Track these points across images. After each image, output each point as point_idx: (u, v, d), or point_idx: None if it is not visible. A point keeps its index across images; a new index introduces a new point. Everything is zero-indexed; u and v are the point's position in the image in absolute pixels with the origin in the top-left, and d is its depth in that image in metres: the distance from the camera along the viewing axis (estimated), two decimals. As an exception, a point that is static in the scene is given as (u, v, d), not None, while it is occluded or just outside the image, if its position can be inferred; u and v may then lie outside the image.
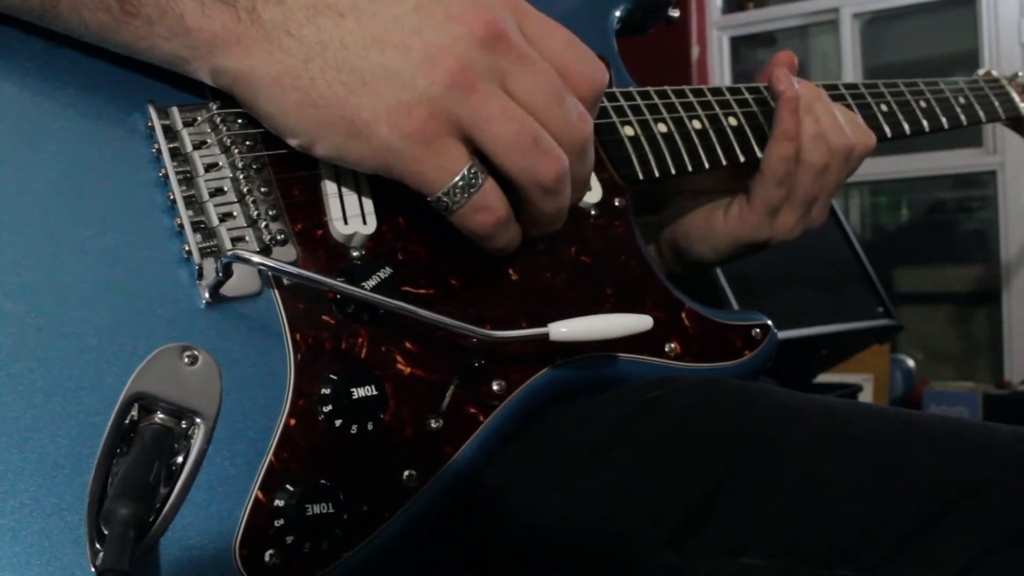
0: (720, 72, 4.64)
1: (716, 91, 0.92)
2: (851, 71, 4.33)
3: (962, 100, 1.15)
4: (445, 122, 0.60)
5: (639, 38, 0.95)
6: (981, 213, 4.24)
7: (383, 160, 0.60)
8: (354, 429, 0.62)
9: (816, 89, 0.94)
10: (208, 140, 0.64)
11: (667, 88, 0.88)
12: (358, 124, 0.59)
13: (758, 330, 0.83)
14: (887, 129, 1.03)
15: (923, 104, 1.08)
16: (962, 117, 1.13)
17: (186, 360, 0.58)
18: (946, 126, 1.11)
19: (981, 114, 1.17)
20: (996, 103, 1.21)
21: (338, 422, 0.61)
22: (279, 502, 0.58)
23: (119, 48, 0.61)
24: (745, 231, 0.92)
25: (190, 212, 0.61)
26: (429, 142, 0.60)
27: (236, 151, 0.64)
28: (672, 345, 0.78)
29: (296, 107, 0.60)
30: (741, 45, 4.76)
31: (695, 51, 4.53)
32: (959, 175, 4.26)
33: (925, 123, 1.07)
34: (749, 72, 4.60)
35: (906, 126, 1.05)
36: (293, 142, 0.62)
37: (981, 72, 1.25)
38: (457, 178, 0.61)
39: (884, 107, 1.04)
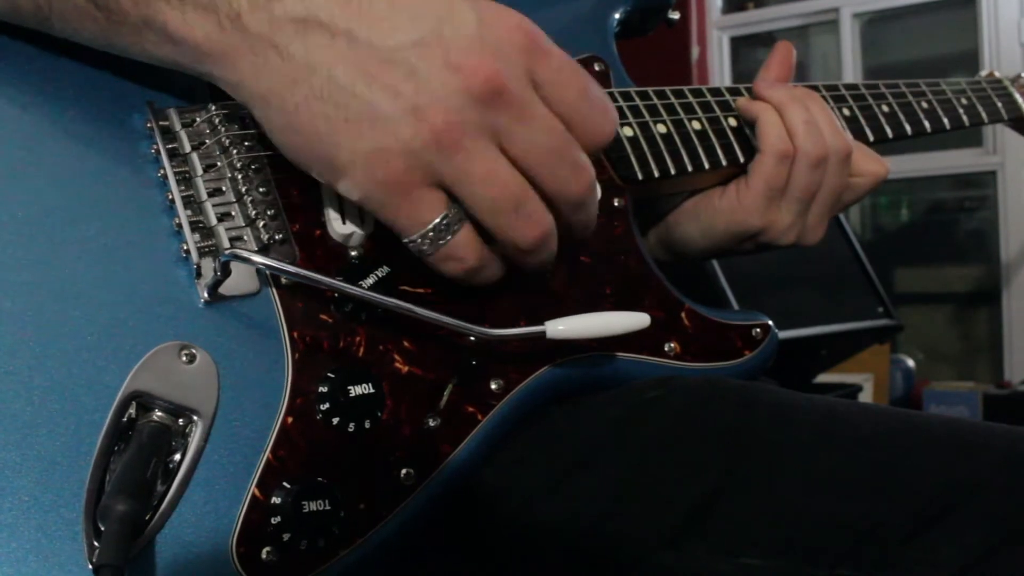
0: (720, 72, 4.65)
1: (715, 91, 0.92)
2: (851, 71, 4.33)
3: (964, 101, 1.14)
4: (423, 175, 0.58)
5: (639, 38, 0.94)
6: (981, 213, 4.25)
7: (357, 199, 0.59)
8: (351, 427, 0.62)
9: (810, 90, 0.93)
10: (207, 141, 0.64)
11: (666, 89, 0.88)
12: (336, 162, 0.58)
13: (758, 330, 0.83)
14: (888, 130, 1.02)
15: (925, 105, 1.08)
16: (964, 118, 1.13)
17: (184, 358, 0.58)
18: (948, 127, 1.10)
19: (983, 115, 1.17)
20: (999, 104, 1.20)
21: (336, 420, 0.61)
22: (276, 500, 0.58)
23: (117, 51, 0.61)
24: (739, 214, 0.90)
25: (189, 212, 0.61)
26: (403, 192, 0.58)
27: (235, 152, 0.64)
28: (672, 345, 0.78)
29: (280, 130, 0.59)
30: (741, 45, 4.76)
31: (695, 51, 4.54)
32: (959, 175, 4.27)
33: (927, 124, 1.07)
34: (749, 72, 4.59)
35: (908, 127, 1.05)
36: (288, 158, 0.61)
37: (984, 73, 1.25)
38: (428, 228, 0.59)
39: (885, 108, 1.04)
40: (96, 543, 0.53)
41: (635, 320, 0.70)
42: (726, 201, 0.90)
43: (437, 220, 0.59)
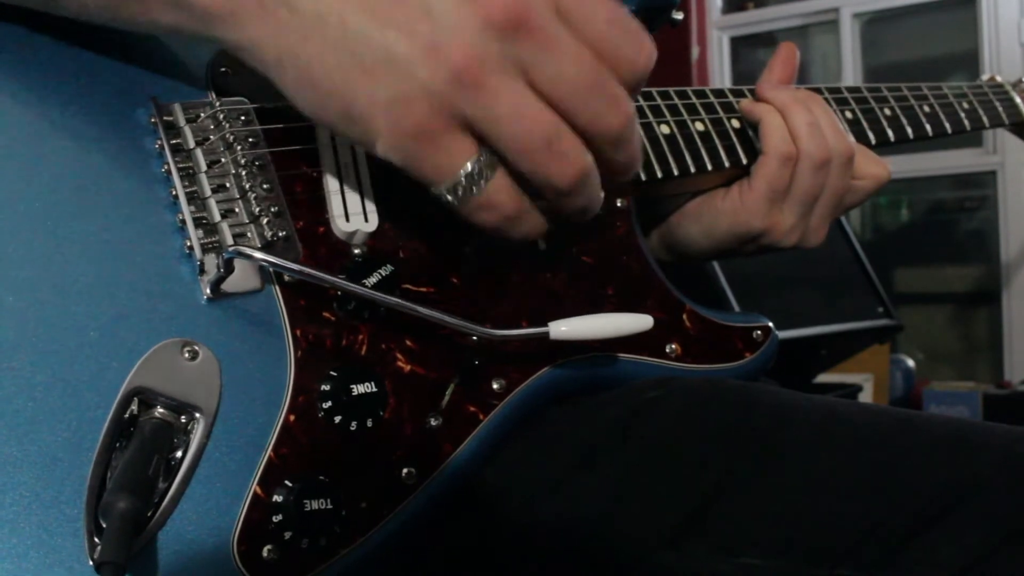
0: (720, 72, 4.65)
1: (719, 93, 0.92)
2: (851, 71, 4.33)
3: (966, 104, 1.14)
4: (447, 117, 0.54)
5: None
6: (981, 213, 4.25)
7: (382, 152, 0.56)
8: (354, 426, 0.62)
9: (812, 93, 0.93)
10: (211, 137, 0.64)
11: (670, 89, 0.88)
12: (354, 113, 0.55)
13: (759, 332, 0.83)
14: (890, 133, 1.02)
15: (927, 108, 1.08)
16: (965, 122, 1.13)
17: (186, 355, 0.58)
18: (949, 130, 1.10)
19: (985, 119, 1.17)
20: (1000, 108, 1.20)
21: (338, 419, 0.61)
22: (278, 498, 0.58)
23: (124, 25, 0.59)
24: (741, 216, 0.89)
25: (192, 208, 0.61)
26: (429, 139, 0.54)
27: (239, 148, 0.64)
28: (673, 346, 0.78)
29: (295, 85, 0.56)
30: (741, 45, 4.76)
31: (695, 51, 4.54)
32: (959, 175, 4.27)
33: (928, 127, 1.07)
34: (749, 72, 4.60)
35: (909, 130, 1.05)
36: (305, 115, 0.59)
37: (985, 77, 1.25)
38: (460, 175, 0.56)
39: (888, 111, 1.04)
40: (97, 540, 0.53)
41: (638, 322, 0.70)
42: (729, 202, 0.90)
43: (469, 167, 0.56)
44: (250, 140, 0.65)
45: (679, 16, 0.93)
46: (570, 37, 0.55)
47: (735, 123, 0.90)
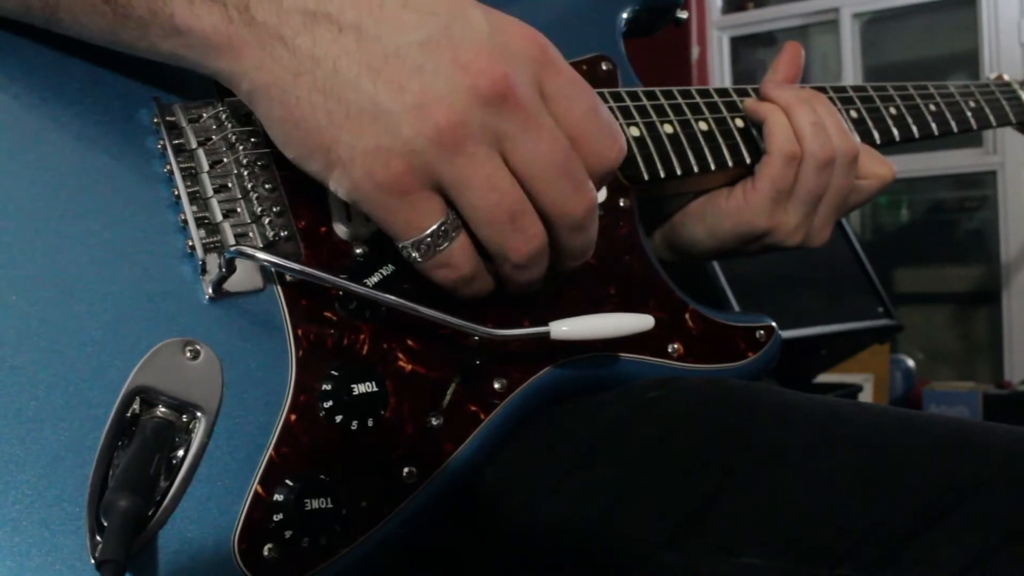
0: (720, 72, 4.64)
1: (723, 92, 0.91)
2: (851, 71, 4.33)
3: (972, 104, 1.14)
4: (423, 176, 0.56)
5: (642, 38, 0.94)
6: (981, 213, 4.25)
7: (353, 198, 0.58)
8: (354, 425, 0.62)
9: (817, 92, 0.93)
10: (213, 137, 0.64)
11: (673, 89, 0.87)
12: (333, 158, 0.57)
13: (762, 332, 0.83)
14: (896, 132, 1.02)
15: (932, 107, 1.08)
16: (972, 121, 1.12)
17: (188, 354, 0.58)
18: (955, 130, 1.09)
19: (991, 118, 1.16)
20: (1007, 106, 1.20)
21: (339, 418, 0.61)
22: (278, 497, 0.58)
23: (124, 48, 0.61)
24: (745, 215, 0.89)
25: (194, 208, 0.62)
26: (402, 195, 0.57)
27: (241, 148, 0.64)
28: (675, 346, 0.78)
29: (280, 122, 0.58)
30: (741, 45, 4.76)
31: (695, 51, 4.53)
32: (959, 175, 4.28)
33: (934, 127, 1.07)
34: (749, 72, 4.60)
35: (915, 129, 1.04)
36: (285, 154, 0.60)
37: (992, 76, 1.24)
38: (425, 234, 0.58)
39: (893, 110, 1.03)
40: (99, 538, 0.53)
41: (639, 322, 0.70)
42: (732, 202, 0.90)
43: (435, 226, 0.58)
44: (252, 140, 0.65)
45: (684, 15, 0.93)
46: (549, 120, 0.58)
47: (739, 122, 0.90)
